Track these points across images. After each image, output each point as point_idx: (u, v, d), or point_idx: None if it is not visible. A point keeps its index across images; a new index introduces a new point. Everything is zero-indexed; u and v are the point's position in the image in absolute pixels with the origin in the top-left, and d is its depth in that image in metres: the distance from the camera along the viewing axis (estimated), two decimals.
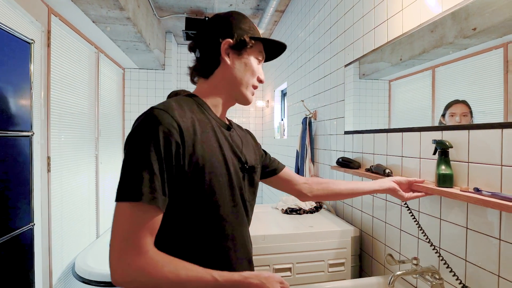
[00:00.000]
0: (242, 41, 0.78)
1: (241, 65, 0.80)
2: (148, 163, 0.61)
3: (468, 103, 0.98)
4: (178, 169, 0.65)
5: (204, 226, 0.70)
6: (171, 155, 0.63)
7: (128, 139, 0.64)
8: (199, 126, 0.71)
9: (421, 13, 1.15)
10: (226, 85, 0.80)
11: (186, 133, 0.66)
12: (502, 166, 0.84)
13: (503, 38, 0.86)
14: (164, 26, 3.77)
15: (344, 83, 1.79)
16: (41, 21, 1.99)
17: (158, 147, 0.62)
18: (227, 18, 0.80)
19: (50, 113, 2.08)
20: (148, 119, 0.64)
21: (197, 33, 0.83)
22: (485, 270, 0.90)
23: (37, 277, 1.88)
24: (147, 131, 0.63)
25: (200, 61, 0.81)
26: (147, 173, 0.60)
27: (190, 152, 0.66)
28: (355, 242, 1.53)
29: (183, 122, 0.67)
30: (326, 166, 2.07)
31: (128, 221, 0.59)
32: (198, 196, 0.68)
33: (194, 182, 0.67)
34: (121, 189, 0.60)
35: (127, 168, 0.61)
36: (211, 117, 0.77)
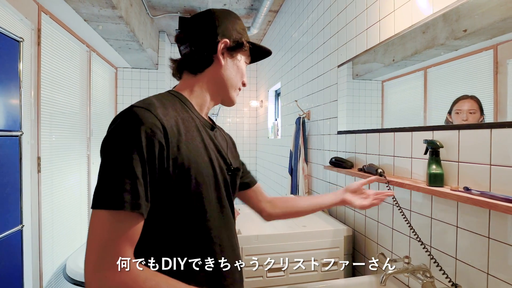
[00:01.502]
0: (239, 44, 0.77)
1: (233, 67, 0.79)
2: (130, 167, 0.56)
3: (478, 99, 0.94)
4: (161, 172, 0.60)
5: (190, 230, 0.66)
6: (154, 158, 0.59)
7: (106, 141, 0.59)
8: (183, 125, 0.66)
9: (413, 14, 1.16)
10: (214, 84, 0.78)
11: (170, 133, 0.62)
12: (491, 166, 0.85)
13: (493, 40, 0.88)
14: (157, 25, 3.74)
15: (337, 83, 1.80)
16: (31, 19, 1.96)
17: (140, 150, 0.57)
18: (225, 17, 0.78)
19: (40, 112, 2.05)
20: (128, 118, 0.59)
21: (189, 25, 0.78)
22: (475, 268, 0.91)
23: (27, 279, 1.85)
24: (128, 132, 0.57)
25: (191, 56, 0.76)
26: (129, 178, 0.55)
27: (175, 153, 0.62)
28: (348, 242, 1.53)
29: (167, 121, 0.62)
30: (320, 166, 2.08)
31: (106, 231, 0.54)
32: (184, 199, 0.64)
33: (179, 185, 0.63)
34: (99, 195, 0.55)
35: (106, 173, 0.56)
36: (195, 116, 0.73)
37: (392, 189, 1.23)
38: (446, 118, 1.04)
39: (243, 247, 1.38)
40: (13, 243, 1.48)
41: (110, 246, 0.54)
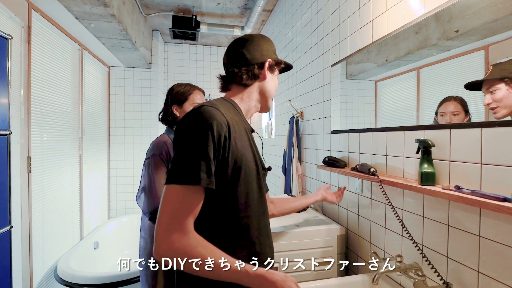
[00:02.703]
0: (279, 63, 0.97)
1: (273, 81, 0.97)
2: (205, 152, 0.70)
3: (464, 100, 0.96)
4: (223, 160, 0.74)
5: (235, 212, 0.78)
6: (220, 145, 0.73)
7: (184, 131, 0.73)
8: (237, 126, 0.81)
9: (405, 14, 1.17)
10: (259, 95, 0.95)
11: (231, 129, 0.76)
12: (481, 165, 0.86)
13: (484, 41, 0.89)
14: (150, 24, 3.71)
15: (330, 83, 1.80)
16: (21, 16, 1.92)
17: (213, 138, 0.71)
18: (265, 41, 0.96)
19: (30, 111, 2.02)
20: (203, 114, 0.73)
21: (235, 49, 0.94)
22: (466, 266, 0.92)
23: (16, 281, 1.82)
24: (204, 124, 0.72)
25: (244, 73, 0.91)
26: (206, 160, 0.70)
27: (233, 146, 0.76)
28: (341, 241, 1.54)
29: (229, 120, 0.77)
30: (313, 166, 2.08)
31: (179, 201, 0.69)
32: (235, 185, 0.77)
33: (233, 173, 0.76)
34: (178, 173, 0.69)
35: (184, 156, 0.70)
36: (243, 120, 0.89)
37: (385, 188, 1.23)
38: (434, 119, 1.06)
39: None
40: (1, 245, 1.45)
41: (179, 215, 0.69)
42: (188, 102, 1.50)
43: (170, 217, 0.68)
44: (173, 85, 1.57)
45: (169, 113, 1.54)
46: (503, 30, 0.84)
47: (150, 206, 1.36)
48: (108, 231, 3.29)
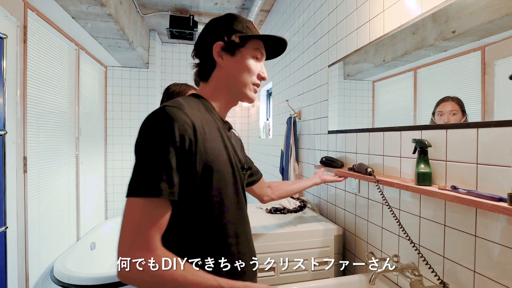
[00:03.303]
0: (231, 42, 0.79)
1: (236, 65, 0.80)
2: (166, 160, 0.62)
3: (461, 100, 0.96)
4: (189, 165, 0.66)
5: (209, 222, 0.72)
6: (184, 151, 0.65)
7: (142, 136, 0.65)
8: (206, 125, 0.72)
9: (402, 14, 1.17)
10: (224, 86, 0.82)
11: (198, 131, 0.68)
12: (477, 165, 0.86)
13: (481, 41, 0.89)
14: (148, 24, 3.70)
15: (327, 83, 1.81)
16: (17, 15, 1.91)
17: (174, 144, 0.63)
18: (220, 21, 0.82)
19: (26, 111, 2.01)
20: (163, 116, 0.65)
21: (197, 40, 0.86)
22: (462, 266, 0.92)
23: (12, 282, 1.81)
24: (163, 128, 0.64)
25: (199, 66, 0.84)
26: (166, 169, 0.62)
27: (201, 149, 0.68)
28: (338, 241, 1.54)
29: (195, 120, 0.69)
30: (310, 166, 2.08)
31: (141, 216, 0.61)
32: (206, 192, 0.70)
33: (203, 179, 0.69)
34: (136, 184, 0.61)
35: (143, 165, 0.62)
36: (216, 118, 0.79)
37: (382, 188, 1.24)
38: (431, 119, 1.06)
39: None
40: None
41: (143, 231, 0.60)
42: None
43: (133, 234, 0.60)
44: (169, 85, 1.55)
45: None
46: (499, 31, 0.84)
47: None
48: (105, 231, 3.28)
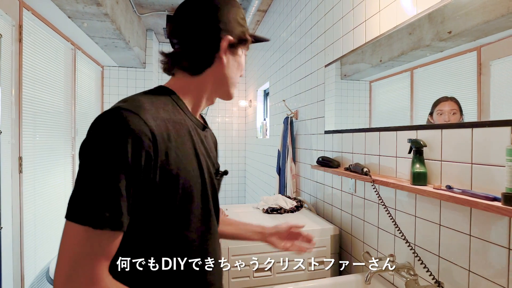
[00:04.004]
0: (243, 40, 0.70)
1: (235, 64, 0.71)
2: (114, 181, 0.50)
3: (458, 100, 0.97)
4: (147, 181, 0.55)
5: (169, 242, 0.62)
6: (140, 169, 0.53)
7: (88, 145, 0.52)
8: (173, 129, 0.60)
9: (397, 15, 1.17)
10: (214, 84, 0.70)
11: (159, 140, 0.56)
12: (472, 164, 0.87)
13: (476, 42, 0.89)
14: (144, 24, 3.69)
15: (324, 83, 1.81)
16: (12, 14, 1.90)
17: (126, 162, 0.51)
18: (226, 5, 0.68)
19: (22, 111, 1.99)
20: (115, 124, 0.52)
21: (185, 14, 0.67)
22: (457, 265, 0.92)
23: (7, 282, 1.80)
24: (114, 141, 0.51)
25: (189, 55, 0.67)
26: (112, 194, 0.50)
27: (163, 161, 0.57)
28: (335, 241, 1.54)
29: (157, 127, 0.56)
30: (307, 166, 2.08)
31: (81, 245, 0.49)
32: (169, 207, 0.59)
33: (165, 193, 0.58)
34: (77, 208, 0.50)
35: (86, 184, 0.50)
36: (188, 118, 0.67)
37: (378, 188, 1.24)
38: (428, 120, 1.06)
39: (229, 247, 1.37)
40: None
41: (84, 260, 0.50)
42: None
43: (71, 264, 0.49)
44: None
45: None
46: (494, 32, 0.84)
47: None
48: None
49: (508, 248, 0.78)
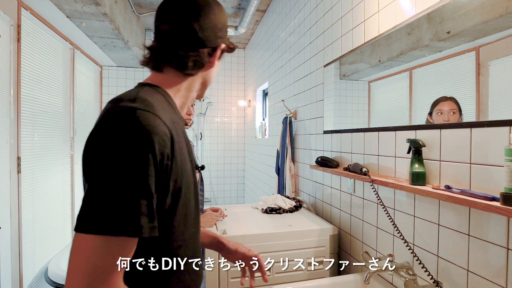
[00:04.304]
0: (231, 49, 0.73)
1: (217, 68, 0.75)
2: (145, 185, 0.48)
3: (457, 100, 0.97)
4: (163, 186, 0.54)
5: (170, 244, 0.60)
6: (162, 171, 0.52)
7: (106, 149, 0.48)
8: (173, 129, 0.58)
9: (396, 15, 1.18)
10: (201, 84, 0.73)
11: (175, 141, 0.56)
12: (471, 164, 0.87)
13: (475, 42, 0.90)
14: (143, 23, 3.68)
15: (323, 83, 1.81)
16: (10, 14, 1.89)
17: (155, 163, 0.50)
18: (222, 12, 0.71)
19: (20, 111, 1.99)
20: (139, 125, 0.50)
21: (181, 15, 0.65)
22: (456, 265, 0.92)
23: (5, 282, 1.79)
24: (141, 141, 0.49)
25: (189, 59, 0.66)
26: (146, 197, 0.48)
27: (175, 164, 0.56)
28: (334, 241, 1.54)
29: (171, 128, 0.56)
30: (306, 166, 2.08)
31: (103, 257, 0.46)
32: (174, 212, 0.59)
33: (173, 198, 0.57)
34: (101, 218, 0.46)
35: (112, 191, 0.46)
36: (179, 118, 0.67)
37: (377, 188, 1.24)
38: (427, 120, 1.06)
39: None
40: None
41: (105, 274, 0.47)
42: None
43: (92, 278, 0.46)
44: None
45: None
46: (493, 32, 0.84)
47: None
48: None
49: (506, 248, 0.78)
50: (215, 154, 4.65)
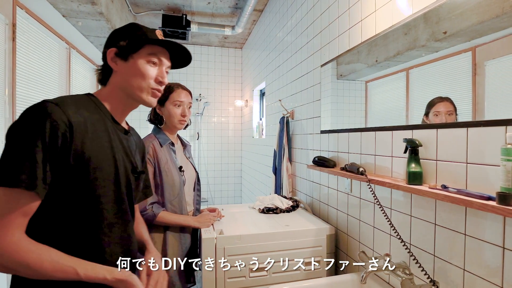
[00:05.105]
0: (122, 47, 0.82)
1: (129, 70, 0.82)
2: (31, 152, 0.63)
3: (452, 100, 0.97)
4: (63, 161, 0.68)
5: (82, 217, 0.73)
6: (56, 148, 0.66)
7: (13, 127, 0.66)
8: (91, 124, 0.74)
9: (393, 15, 1.18)
10: (119, 90, 0.84)
11: (76, 128, 0.70)
12: (467, 164, 0.87)
13: (471, 42, 0.90)
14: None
15: (320, 83, 1.81)
16: (5, 13, 1.88)
17: (44, 139, 0.64)
18: (119, 29, 0.86)
19: (15, 110, 1.97)
20: (38, 111, 0.66)
21: None
22: (452, 264, 0.93)
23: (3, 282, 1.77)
24: (35, 122, 0.65)
25: (100, 72, 0.87)
26: (29, 161, 0.63)
27: (78, 147, 0.70)
28: (331, 240, 1.54)
29: (75, 118, 0.70)
30: (303, 165, 2.08)
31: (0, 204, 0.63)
32: (80, 188, 0.71)
33: (77, 174, 0.70)
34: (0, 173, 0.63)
35: (8, 155, 0.64)
36: (107, 119, 0.81)
37: (373, 188, 1.24)
38: (423, 120, 1.06)
39: (225, 247, 1.36)
40: None
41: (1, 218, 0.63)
42: (169, 101, 1.45)
43: None
44: None
45: (152, 113, 1.52)
46: (489, 32, 0.85)
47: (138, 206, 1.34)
48: None
49: (502, 247, 0.78)
50: (212, 154, 4.64)
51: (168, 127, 1.50)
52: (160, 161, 1.38)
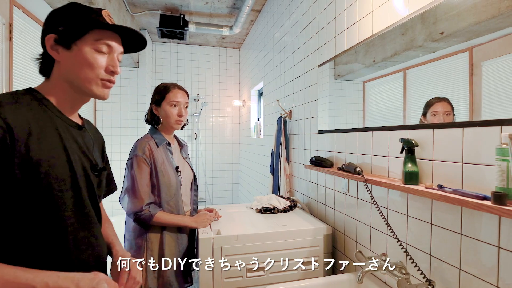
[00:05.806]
0: (63, 33, 0.70)
1: (74, 60, 0.71)
2: None
3: (450, 101, 0.97)
4: (6, 171, 0.61)
5: (42, 229, 0.66)
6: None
7: None
8: (37, 125, 0.66)
9: (390, 15, 1.18)
10: (65, 82, 0.73)
11: (17, 132, 0.62)
12: (463, 164, 0.87)
13: (468, 43, 0.90)
14: (138, 23, 3.66)
15: (317, 83, 1.81)
16: (2, 12, 1.87)
17: None
18: (58, 11, 0.73)
19: None
20: None
21: None
22: (448, 263, 0.93)
23: None
24: None
25: (39, 61, 0.76)
26: None
27: (22, 153, 0.62)
28: (328, 240, 1.54)
29: (15, 121, 0.62)
30: (301, 165, 2.09)
31: None
32: (33, 198, 0.64)
33: (26, 184, 0.63)
34: None
35: None
36: (55, 116, 0.72)
37: (370, 188, 1.25)
38: (420, 120, 1.07)
39: (222, 247, 1.36)
40: None
41: None
42: (166, 101, 1.45)
43: None
44: (158, 85, 1.54)
45: (149, 113, 1.52)
46: (486, 33, 0.85)
47: (134, 207, 1.34)
48: None
49: (497, 246, 0.79)
50: (210, 154, 4.64)
51: (164, 128, 1.50)
52: (157, 161, 1.38)
